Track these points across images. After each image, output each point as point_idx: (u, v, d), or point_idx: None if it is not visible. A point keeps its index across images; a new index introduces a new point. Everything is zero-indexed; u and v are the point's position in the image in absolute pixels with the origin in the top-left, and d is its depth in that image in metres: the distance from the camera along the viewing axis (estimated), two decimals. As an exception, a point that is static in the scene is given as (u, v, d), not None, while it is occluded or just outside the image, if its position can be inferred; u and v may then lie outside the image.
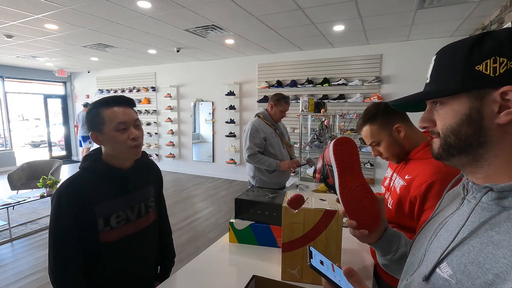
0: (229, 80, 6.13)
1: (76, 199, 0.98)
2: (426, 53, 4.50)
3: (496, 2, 3.03)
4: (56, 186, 3.77)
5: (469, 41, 0.46)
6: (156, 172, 1.28)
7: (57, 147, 9.42)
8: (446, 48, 0.50)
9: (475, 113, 0.45)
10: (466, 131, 0.46)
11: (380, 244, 0.76)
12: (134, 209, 1.11)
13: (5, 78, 7.25)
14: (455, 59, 0.47)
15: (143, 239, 1.15)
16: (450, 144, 0.49)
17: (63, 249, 0.98)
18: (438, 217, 0.59)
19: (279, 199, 1.45)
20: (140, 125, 1.10)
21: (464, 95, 0.46)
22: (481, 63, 0.44)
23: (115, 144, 1.03)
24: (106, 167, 1.06)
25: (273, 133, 2.51)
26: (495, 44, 0.43)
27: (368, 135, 1.21)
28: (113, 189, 1.06)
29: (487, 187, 0.46)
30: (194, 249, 3.14)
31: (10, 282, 2.57)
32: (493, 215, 0.45)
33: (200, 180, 6.29)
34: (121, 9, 3.22)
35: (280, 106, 2.49)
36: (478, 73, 0.44)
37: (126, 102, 1.07)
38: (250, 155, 2.42)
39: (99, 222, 1.01)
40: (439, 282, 0.47)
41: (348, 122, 4.89)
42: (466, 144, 0.47)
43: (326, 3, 3.07)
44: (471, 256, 0.43)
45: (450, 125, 0.48)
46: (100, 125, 1.02)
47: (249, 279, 0.96)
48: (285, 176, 2.59)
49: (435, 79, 0.51)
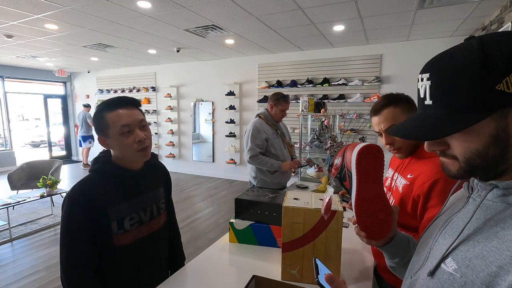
0: (229, 80, 6.13)
1: (88, 203, 0.96)
2: (426, 53, 4.50)
3: (496, 2, 3.03)
4: (56, 186, 3.77)
5: (476, 58, 0.42)
6: (165, 174, 1.27)
7: (57, 147, 9.42)
8: (445, 64, 0.46)
9: (502, 133, 0.43)
10: (494, 152, 0.44)
11: (387, 248, 0.76)
12: (146, 211, 1.09)
13: (5, 78, 7.25)
14: (465, 78, 0.43)
15: (155, 241, 1.14)
16: (476, 166, 0.46)
17: (76, 253, 0.95)
18: (444, 216, 0.59)
19: (279, 199, 1.45)
20: (147, 125, 1.06)
21: (489, 117, 0.42)
22: (501, 81, 0.40)
23: (122, 148, 1.01)
24: (117, 169, 1.04)
25: (275, 133, 2.50)
26: (507, 57, 0.40)
27: (389, 118, 1.13)
28: (125, 190, 1.04)
29: (492, 184, 0.46)
30: (194, 249, 3.14)
31: (10, 282, 2.57)
32: (498, 212, 0.45)
33: (200, 180, 6.29)
34: (121, 9, 3.22)
35: (280, 105, 2.48)
36: (500, 93, 0.41)
37: (130, 103, 1.03)
38: (252, 156, 2.39)
39: (113, 225, 0.99)
40: (444, 276, 0.47)
41: (348, 122, 4.88)
42: (493, 164, 0.45)
43: (326, 3, 3.07)
44: (476, 251, 0.44)
45: (475, 149, 0.45)
46: (105, 129, 1.00)
47: (249, 279, 0.96)
48: (286, 177, 2.59)
49: (444, 103, 0.46)
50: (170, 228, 1.28)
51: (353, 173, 0.72)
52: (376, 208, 0.70)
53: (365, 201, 0.70)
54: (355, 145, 0.76)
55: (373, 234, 0.71)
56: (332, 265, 1.07)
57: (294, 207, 1.07)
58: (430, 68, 0.48)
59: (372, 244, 0.75)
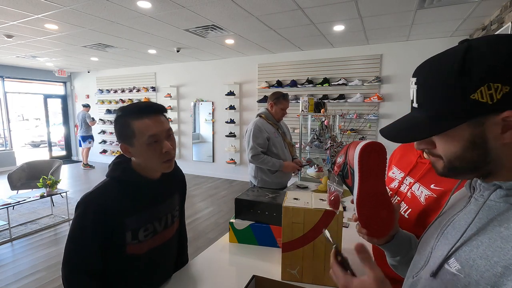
0: (229, 80, 6.13)
1: (103, 211, 0.92)
2: (426, 53, 4.50)
3: (496, 2, 3.03)
4: (56, 186, 3.77)
5: (456, 62, 0.44)
6: (181, 179, 1.24)
7: (57, 147, 9.42)
8: (430, 70, 0.48)
9: (478, 139, 0.44)
10: (472, 156, 0.46)
11: (388, 247, 0.75)
12: (161, 221, 1.06)
13: (5, 78, 7.25)
14: (446, 85, 0.45)
15: (167, 250, 1.12)
16: (456, 167, 0.48)
17: (79, 259, 0.93)
18: (445, 216, 0.59)
19: (279, 199, 1.45)
20: (173, 134, 1.01)
21: (465, 124, 0.45)
22: (475, 91, 0.42)
23: (147, 159, 0.96)
24: (137, 178, 0.99)
25: (276, 132, 2.50)
26: (483, 68, 0.42)
27: None
28: (143, 201, 1.01)
29: (496, 184, 0.47)
30: (194, 249, 3.13)
31: (10, 282, 2.57)
32: (502, 212, 0.45)
33: (200, 180, 6.29)
34: (121, 9, 3.22)
35: (280, 104, 2.48)
36: (475, 102, 0.42)
37: (158, 110, 0.97)
38: (254, 155, 2.38)
39: (127, 235, 0.96)
40: (447, 277, 0.47)
41: (348, 122, 4.89)
42: (473, 166, 0.47)
43: (326, 3, 3.07)
44: (479, 251, 0.44)
45: (454, 152, 0.47)
46: (130, 138, 0.94)
47: (249, 279, 0.96)
48: (287, 176, 2.59)
49: (426, 107, 0.49)
50: (180, 233, 1.26)
51: (356, 169, 0.72)
52: (377, 205, 0.69)
53: (367, 197, 0.70)
54: (357, 143, 0.75)
55: (374, 231, 0.71)
56: (332, 265, 1.07)
57: (294, 207, 1.07)
58: (417, 73, 0.50)
59: (374, 242, 0.75)
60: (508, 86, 0.41)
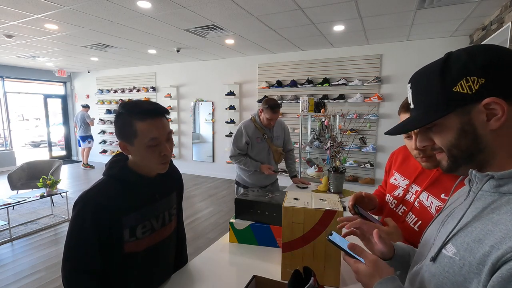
0: (229, 80, 6.13)
1: (101, 210, 0.93)
2: (426, 53, 4.50)
3: (496, 2, 3.03)
4: (56, 186, 3.77)
5: (438, 66, 0.52)
6: (178, 178, 1.25)
7: (57, 147, 9.42)
8: (419, 75, 0.57)
9: (468, 126, 0.51)
10: (465, 142, 0.52)
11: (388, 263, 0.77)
12: (159, 218, 1.07)
13: (5, 78, 7.25)
14: (431, 84, 0.53)
15: (165, 248, 1.13)
16: (455, 155, 0.54)
17: (78, 258, 0.93)
18: (447, 210, 0.65)
19: (279, 199, 1.45)
20: (172, 137, 1.03)
21: (452, 114, 0.52)
22: (456, 84, 0.50)
23: (145, 159, 0.98)
24: (135, 176, 1.01)
25: (260, 137, 2.49)
26: (460, 66, 0.50)
27: None
28: (140, 199, 1.02)
29: (488, 175, 0.51)
30: (194, 249, 3.14)
31: (10, 282, 2.57)
32: (494, 200, 0.51)
33: (200, 180, 6.29)
34: (121, 9, 3.22)
35: (266, 113, 2.40)
36: (457, 94, 0.50)
37: (162, 112, 0.98)
38: (231, 156, 2.55)
39: (125, 233, 0.97)
40: (445, 260, 0.53)
41: (348, 122, 4.89)
42: (468, 153, 0.53)
43: (326, 3, 3.07)
44: (473, 235, 0.49)
45: (450, 140, 0.54)
46: (131, 137, 0.95)
47: (249, 279, 0.96)
48: (264, 178, 2.58)
49: (419, 105, 0.57)
50: (178, 232, 1.27)
51: None
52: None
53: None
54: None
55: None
56: (332, 265, 1.07)
57: (294, 207, 1.07)
58: (411, 79, 0.59)
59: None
60: (483, 78, 0.48)
